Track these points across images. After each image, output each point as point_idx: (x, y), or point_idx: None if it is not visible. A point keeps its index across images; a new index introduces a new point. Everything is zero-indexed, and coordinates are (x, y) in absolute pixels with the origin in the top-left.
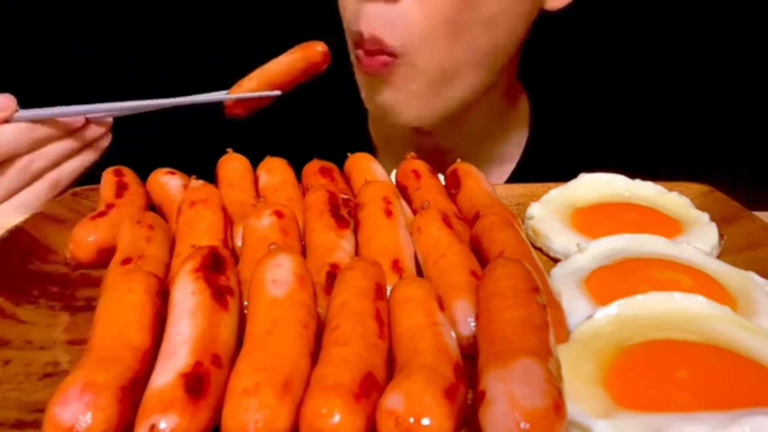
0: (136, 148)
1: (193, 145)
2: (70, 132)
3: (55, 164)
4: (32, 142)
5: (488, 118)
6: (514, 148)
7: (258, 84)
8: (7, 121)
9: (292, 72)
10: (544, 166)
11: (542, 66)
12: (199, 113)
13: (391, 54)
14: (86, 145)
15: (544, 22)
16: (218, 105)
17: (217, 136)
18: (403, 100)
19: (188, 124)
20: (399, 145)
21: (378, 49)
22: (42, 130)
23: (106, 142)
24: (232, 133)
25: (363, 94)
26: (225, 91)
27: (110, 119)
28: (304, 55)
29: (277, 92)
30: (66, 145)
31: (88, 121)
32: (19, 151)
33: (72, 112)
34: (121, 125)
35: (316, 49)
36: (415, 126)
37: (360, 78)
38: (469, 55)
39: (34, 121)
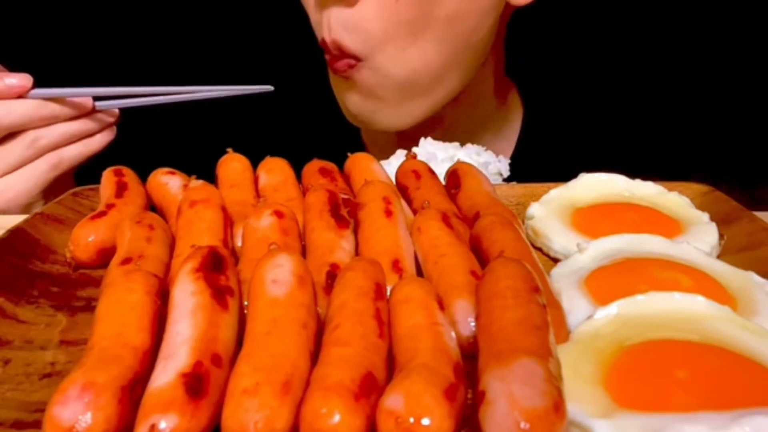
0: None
1: (193, 145)
2: (78, 115)
3: (60, 144)
4: (41, 117)
5: (475, 119)
6: (507, 142)
7: None
8: (20, 96)
9: None
10: (536, 158)
11: (531, 60)
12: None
13: (354, 57)
14: (92, 133)
15: (534, 15)
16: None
17: (217, 136)
18: (372, 107)
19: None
20: (386, 147)
21: (341, 53)
22: (51, 108)
23: (111, 135)
24: (232, 133)
25: (338, 100)
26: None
27: (117, 111)
28: None
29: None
30: (72, 127)
31: (96, 110)
32: (27, 126)
33: (84, 93)
34: (122, 123)
35: None
36: (392, 131)
37: (332, 80)
38: (436, 54)
39: (46, 99)
